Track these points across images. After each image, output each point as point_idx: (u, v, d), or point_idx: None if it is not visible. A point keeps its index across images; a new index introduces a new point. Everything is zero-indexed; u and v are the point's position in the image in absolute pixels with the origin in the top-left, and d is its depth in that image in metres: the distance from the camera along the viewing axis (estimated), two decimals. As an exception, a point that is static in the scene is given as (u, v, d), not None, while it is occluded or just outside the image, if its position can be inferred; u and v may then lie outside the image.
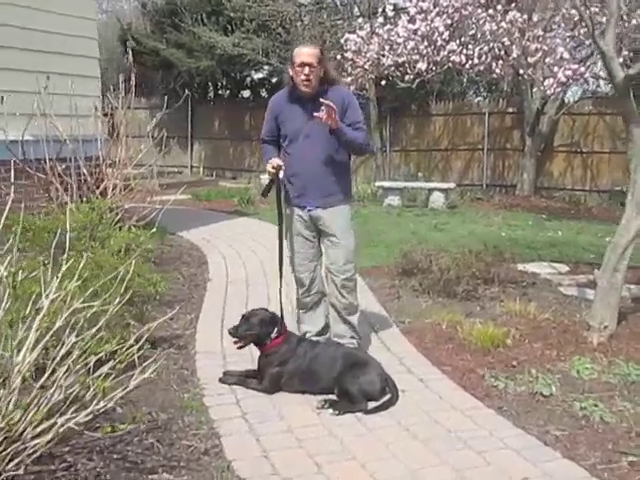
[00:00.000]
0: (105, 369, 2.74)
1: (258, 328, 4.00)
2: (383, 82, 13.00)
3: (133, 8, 21.14)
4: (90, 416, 2.82)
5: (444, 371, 4.37)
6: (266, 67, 19.10)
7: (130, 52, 9.03)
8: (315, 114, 4.08)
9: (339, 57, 13.17)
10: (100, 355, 2.90)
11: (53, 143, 6.91)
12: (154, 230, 7.07)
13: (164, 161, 20.23)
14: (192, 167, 19.95)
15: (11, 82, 7.06)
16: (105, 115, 19.69)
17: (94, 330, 3.01)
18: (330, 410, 3.70)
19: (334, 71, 4.41)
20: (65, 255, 3.27)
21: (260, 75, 20.64)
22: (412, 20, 11.99)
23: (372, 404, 3.78)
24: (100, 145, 7.38)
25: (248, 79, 20.75)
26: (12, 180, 5.52)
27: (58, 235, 5.38)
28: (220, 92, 20.94)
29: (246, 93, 21.31)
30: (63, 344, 2.89)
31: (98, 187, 6.96)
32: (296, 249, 4.47)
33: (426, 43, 11.64)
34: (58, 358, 2.89)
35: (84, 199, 6.55)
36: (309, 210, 4.37)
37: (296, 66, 4.17)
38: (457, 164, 16.53)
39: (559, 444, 3.40)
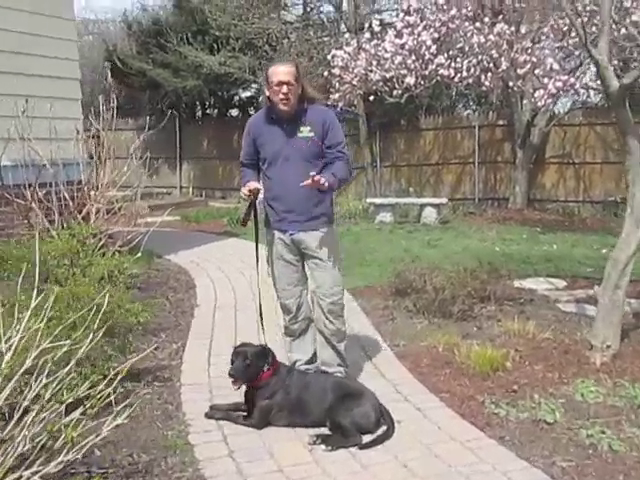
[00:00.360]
0: (77, 414, 2.52)
1: (255, 364, 3.78)
2: (371, 97, 12.91)
3: (119, 29, 21.02)
4: (61, 466, 2.60)
5: (442, 398, 4.17)
6: (254, 85, 18.98)
7: (109, 72, 8.87)
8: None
9: (326, 73, 13.08)
10: (69, 399, 2.67)
11: (33, 168, 6.70)
12: (139, 255, 6.90)
13: (152, 182, 20.01)
14: (181, 187, 19.75)
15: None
16: (92, 137, 19.39)
17: (66, 369, 2.80)
18: (322, 446, 3.48)
19: (311, 88, 4.24)
20: (35, 290, 3.06)
21: (248, 93, 20.51)
22: (399, 35, 11.89)
23: (367, 437, 3.57)
24: (82, 168, 7.16)
25: (236, 98, 20.61)
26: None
27: (37, 264, 5.21)
28: (208, 111, 20.80)
29: (234, 112, 21.17)
30: (30, 388, 2.67)
31: (80, 212, 6.75)
32: (278, 274, 4.28)
33: (414, 57, 11.52)
34: (25, 403, 2.68)
35: (65, 225, 6.33)
36: (291, 234, 4.19)
37: (273, 85, 4.00)
38: (448, 178, 16.39)
39: (567, 477, 3.20)
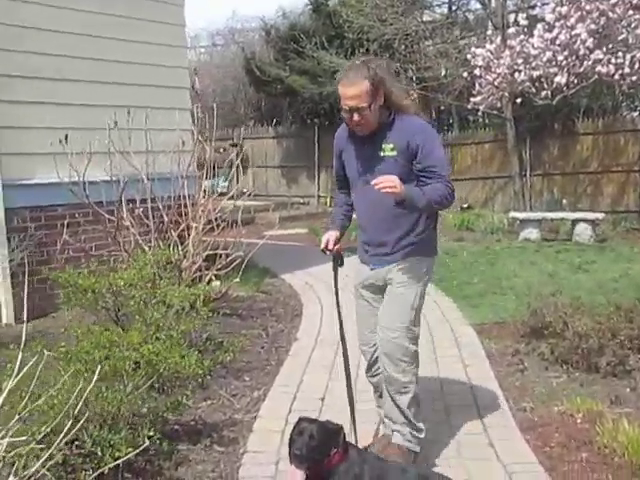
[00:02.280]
0: None
1: (324, 445, 2.87)
2: (519, 100, 11.65)
3: (260, 37, 20.96)
4: None
5: (572, 502, 3.11)
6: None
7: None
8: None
9: (466, 75, 11.98)
10: None
11: (131, 183, 6.25)
12: (237, 280, 6.29)
13: (291, 191, 19.65)
14: (319, 197, 19.21)
15: (91, 118, 6.50)
16: (234, 145, 19.23)
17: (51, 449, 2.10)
18: None
19: (399, 94, 3.34)
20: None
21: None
22: (549, 28, 10.54)
23: None
24: (185, 183, 6.61)
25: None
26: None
27: (104, 295, 4.68)
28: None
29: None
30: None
31: (176, 230, 6.22)
32: (357, 314, 3.63)
33: (566, 53, 10.15)
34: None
35: (152, 245, 5.82)
36: (372, 269, 3.47)
37: (342, 112, 3.23)
38: (609, 189, 14.61)
39: None
